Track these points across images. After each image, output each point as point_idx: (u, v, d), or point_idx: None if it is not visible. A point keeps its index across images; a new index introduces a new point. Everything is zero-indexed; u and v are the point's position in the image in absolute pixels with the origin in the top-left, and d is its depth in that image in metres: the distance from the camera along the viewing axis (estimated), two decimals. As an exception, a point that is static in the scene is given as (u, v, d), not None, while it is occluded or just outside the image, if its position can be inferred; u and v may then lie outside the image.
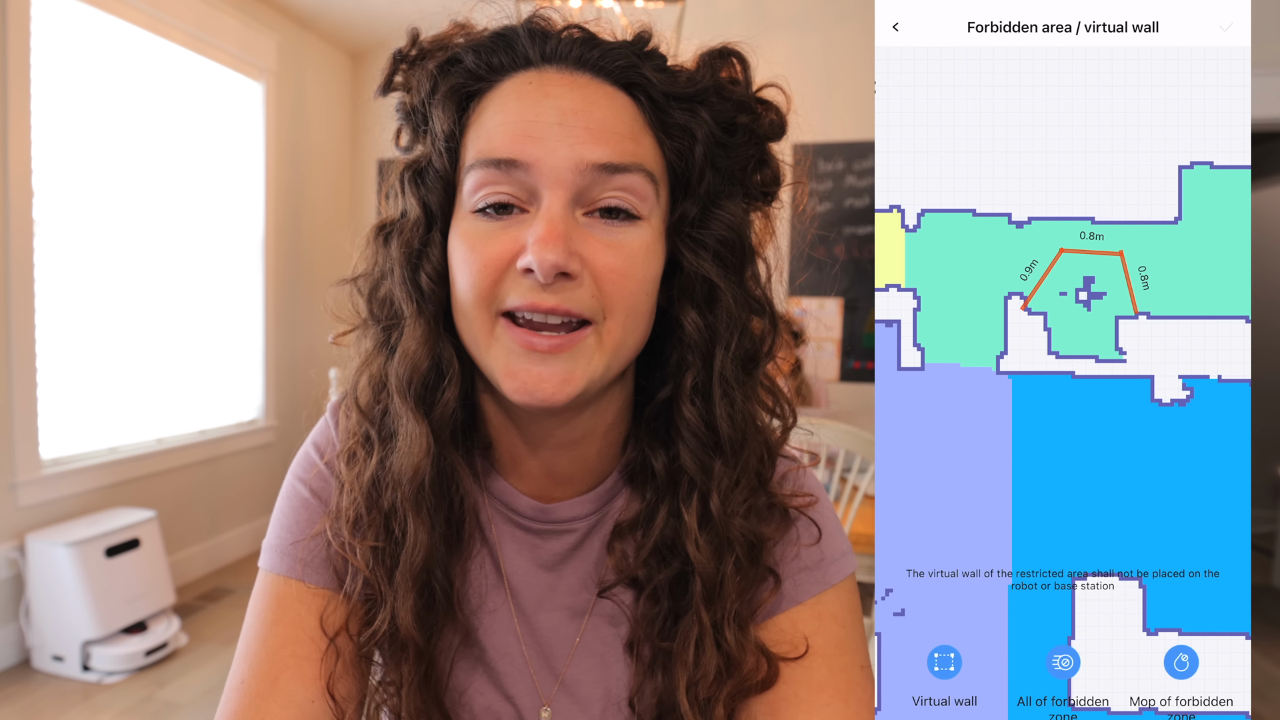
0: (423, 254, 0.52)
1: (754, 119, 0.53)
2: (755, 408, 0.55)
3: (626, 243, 0.49)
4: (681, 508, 0.53)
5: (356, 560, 0.53)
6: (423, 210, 0.52)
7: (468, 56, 0.51)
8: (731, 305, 0.53)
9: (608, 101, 0.49)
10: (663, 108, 0.51)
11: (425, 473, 0.51)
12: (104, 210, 2.82)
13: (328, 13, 3.75)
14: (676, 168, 0.52)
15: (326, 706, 0.52)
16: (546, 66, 0.50)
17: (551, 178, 0.47)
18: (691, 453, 0.53)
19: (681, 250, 0.52)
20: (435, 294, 0.52)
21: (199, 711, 2.26)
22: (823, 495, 0.59)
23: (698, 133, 0.51)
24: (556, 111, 0.48)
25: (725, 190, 0.53)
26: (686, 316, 0.53)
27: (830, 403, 2.85)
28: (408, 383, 0.51)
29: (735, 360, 0.53)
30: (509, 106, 0.49)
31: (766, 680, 0.52)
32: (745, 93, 0.53)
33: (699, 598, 0.52)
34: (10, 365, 2.46)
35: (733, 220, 0.53)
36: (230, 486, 3.51)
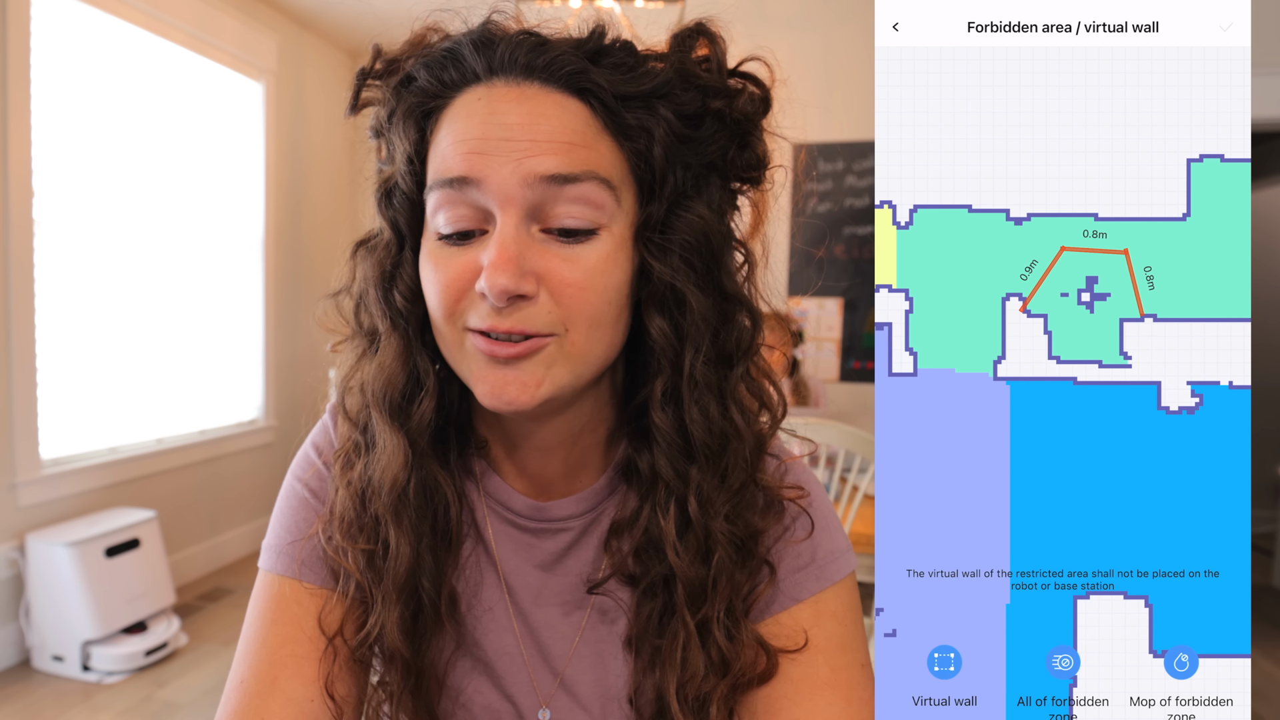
0: (395, 274, 0.53)
1: (728, 102, 0.51)
2: (737, 406, 0.54)
3: (584, 256, 0.48)
4: (659, 514, 0.53)
5: (349, 564, 0.54)
6: (393, 231, 0.53)
7: (420, 74, 0.51)
8: (701, 308, 0.51)
9: (556, 111, 0.48)
10: (615, 110, 0.49)
11: (403, 483, 0.52)
12: (104, 210, 2.82)
13: (328, 13, 3.75)
14: (639, 170, 0.50)
15: (326, 705, 0.52)
16: (495, 80, 0.49)
17: (501, 195, 0.46)
18: (666, 458, 0.52)
19: (646, 256, 0.51)
20: (409, 311, 0.53)
21: (199, 711, 2.26)
22: (819, 491, 0.59)
23: (655, 132, 0.49)
24: (503, 126, 0.47)
25: (695, 186, 0.51)
26: (652, 322, 0.51)
27: (826, 403, 2.85)
28: (383, 396, 0.53)
29: (708, 363, 0.52)
30: (458, 125, 0.48)
31: (765, 673, 0.52)
32: (714, 78, 0.50)
33: (682, 601, 0.52)
34: (10, 365, 2.46)
35: (699, 222, 0.51)
36: (230, 486, 3.51)
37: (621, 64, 0.49)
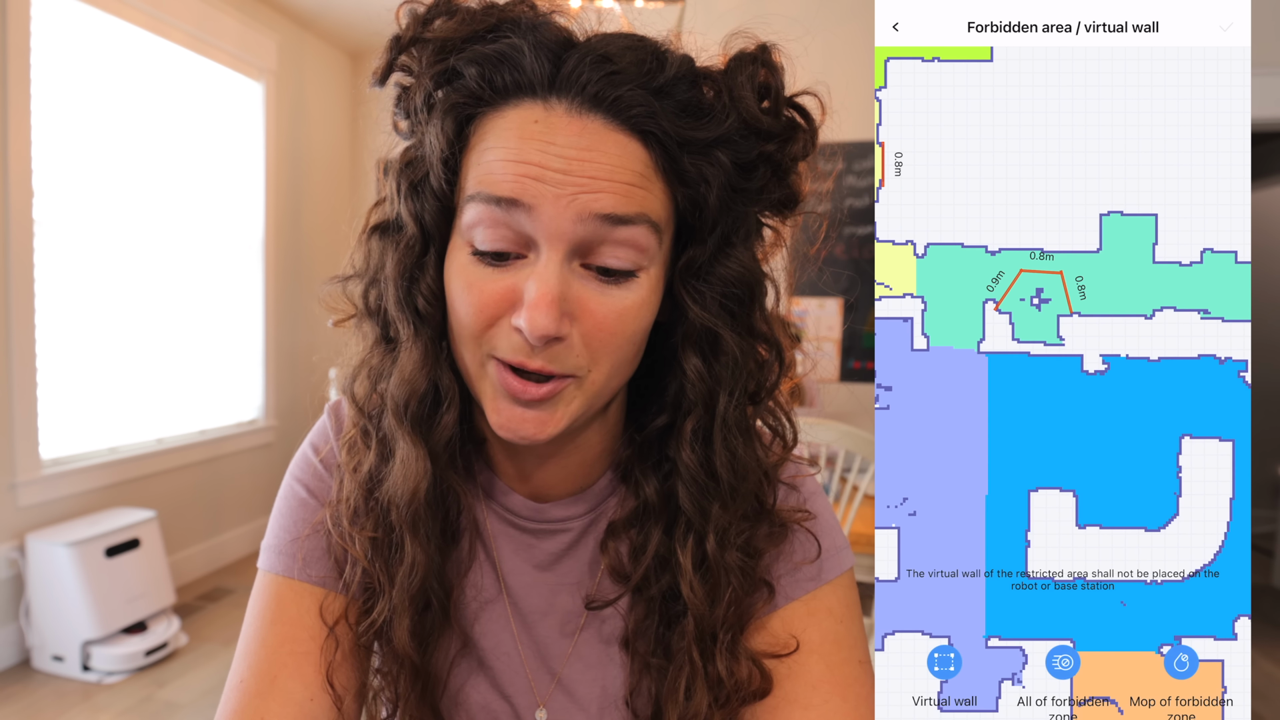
0: (418, 274, 0.50)
1: (780, 148, 0.49)
2: (758, 439, 0.53)
3: (621, 299, 0.47)
4: (677, 549, 0.52)
5: (355, 550, 0.53)
6: (418, 228, 0.50)
7: (469, 70, 0.47)
8: (736, 351, 0.50)
9: (617, 150, 0.45)
10: (675, 156, 0.47)
11: (423, 495, 0.51)
12: (104, 210, 2.82)
13: (328, 13, 3.75)
14: (687, 213, 0.49)
15: (326, 704, 0.52)
16: (555, 100, 0.46)
17: (551, 229, 0.45)
18: (690, 496, 0.52)
19: (686, 297, 0.50)
20: (431, 315, 0.50)
21: (199, 711, 2.26)
22: (817, 492, 0.59)
23: (714, 181, 0.47)
24: (562, 158, 0.44)
25: (738, 229, 0.50)
26: (689, 362, 0.51)
27: (821, 403, 2.85)
28: (404, 406, 0.51)
29: (739, 404, 0.52)
30: (512, 144, 0.45)
31: (761, 690, 0.52)
32: (774, 123, 0.48)
33: (691, 638, 0.51)
34: (10, 365, 2.46)
35: (742, 266, 0.50)
36: (230, 486, 3.51)
37: (687, 104, 0.47)
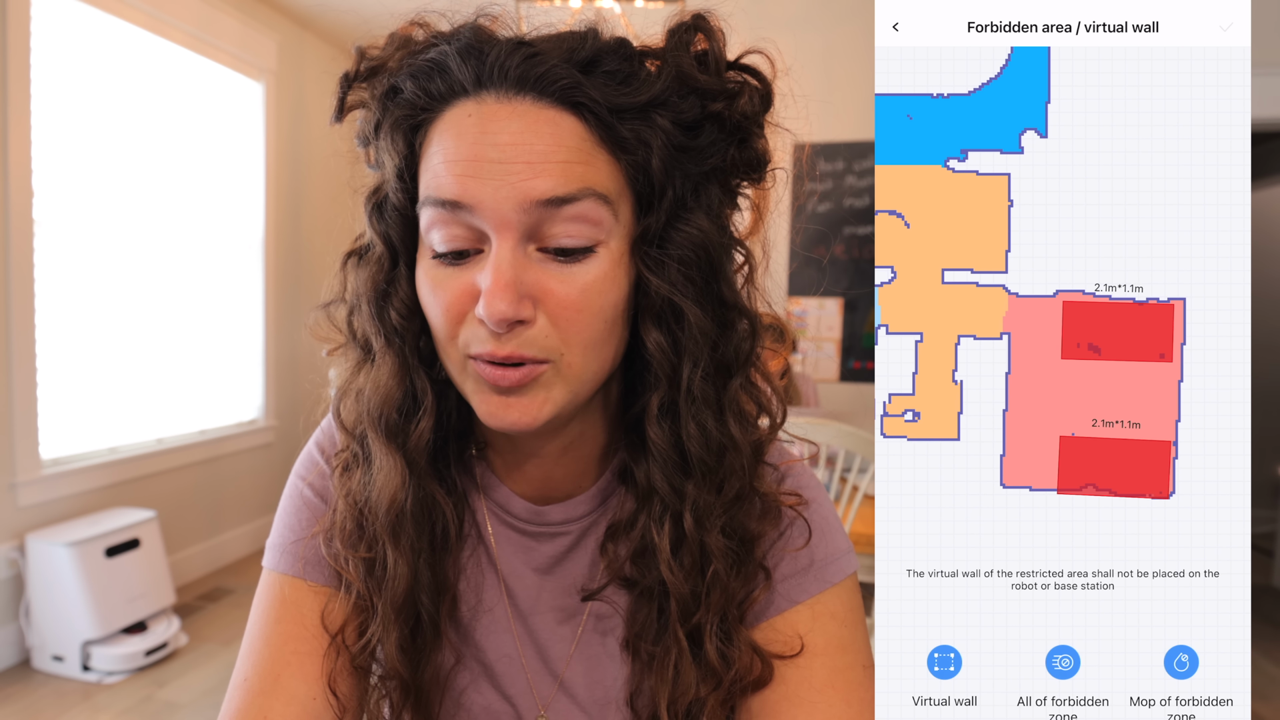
0: (389, 290, 0.52)
1: (728, 104, 0.49)
2: (735, 416, 0.52)
3: (581, 275, 0.47)
4: (653, 527, 0.52)
5: (349, 572, 0.54)
6: (385, 245, 0.51)
7: (406, 85, 0.49)
8: (700, 321, 0.49)
9: (550, 128, 0.46)
10: (610, 124, 0.47)
11: (401, 503, 0.52)
12: (104, 210, 2.82)
13: (328, 13, 3.75)
14: (638, 182, 0.49)
15: (328, 703, 0.52)
16: (484, 93, 0.47)
17: (497, 219, 0.45)
18: (662, 473, 0.52)
19: (643, 270, 0.49)
20: (405, 327, 0.52)
21: (199, 711, 2.26)
22: (820, 493, 0.59)
23: (653, 143, 0.47)
24: (496, 147, 0.45)
25: (694, 194, 0.50)
26: (649, 336, 0.50)
27: (820, 402, 2.85)
28: (379, 415, 0.52)
29: (706, 376, 0.51)
30: (449, 144, 0.47)
31: (761, 680, 0.52)
32: (713, 80, 0.48)
33: (674, 617, 0.51)
34: (10, 365, 2.46)
35: (699, 234, 0.49)
36: (230, 486, 3.51)
37: (616, 73, 0.47)
